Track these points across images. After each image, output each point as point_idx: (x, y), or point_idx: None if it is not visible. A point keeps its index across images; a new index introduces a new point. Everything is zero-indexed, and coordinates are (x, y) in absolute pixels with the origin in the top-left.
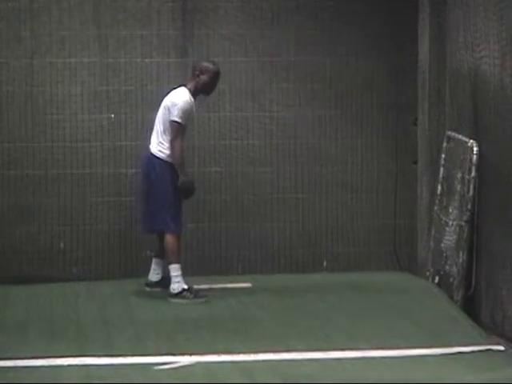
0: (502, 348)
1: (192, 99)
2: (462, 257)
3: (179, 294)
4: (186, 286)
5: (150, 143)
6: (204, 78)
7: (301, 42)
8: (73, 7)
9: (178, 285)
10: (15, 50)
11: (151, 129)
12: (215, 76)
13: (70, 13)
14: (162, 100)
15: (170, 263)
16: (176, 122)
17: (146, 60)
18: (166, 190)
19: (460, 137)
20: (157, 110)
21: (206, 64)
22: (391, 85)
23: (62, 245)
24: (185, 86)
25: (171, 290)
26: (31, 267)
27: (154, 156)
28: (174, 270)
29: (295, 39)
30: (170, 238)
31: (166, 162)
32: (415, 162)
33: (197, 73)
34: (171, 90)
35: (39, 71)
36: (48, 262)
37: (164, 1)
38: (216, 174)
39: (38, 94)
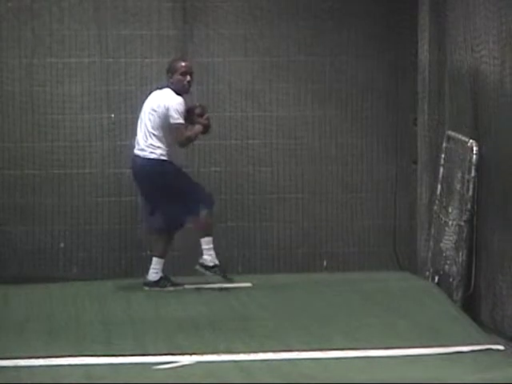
0: (501, 348)
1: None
2: (461, 257)
3: (211, 268)
4: (217, 262)
5: (135, 146)
6: (176, 77)
7: (301, 42)
8: (73, 7)
9: (211, 258)
10: (15, 50)
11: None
12: (185, 72)
13: (70, 13)
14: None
15: (203, 236)
16: (180, 123)
17: (146, 60)
18: (177, 182)
19: (460, 137)
20: None
21: (174, 63)
22: (391, 85)
23: (61, 245)
24: (168, 87)
25: (203, 261)
26: (31, 267)
27: (146, 159)
28: (208, 243)
29: (295, 39)
30: (205, 213)
31: (159, 160)
32: (415, 162)
33: (170, 74)
34: (154, 90)
35: (39, 71)
36: (48, 262)
37: (164, 1)
38: (216, 174)
39: (38, 94)
